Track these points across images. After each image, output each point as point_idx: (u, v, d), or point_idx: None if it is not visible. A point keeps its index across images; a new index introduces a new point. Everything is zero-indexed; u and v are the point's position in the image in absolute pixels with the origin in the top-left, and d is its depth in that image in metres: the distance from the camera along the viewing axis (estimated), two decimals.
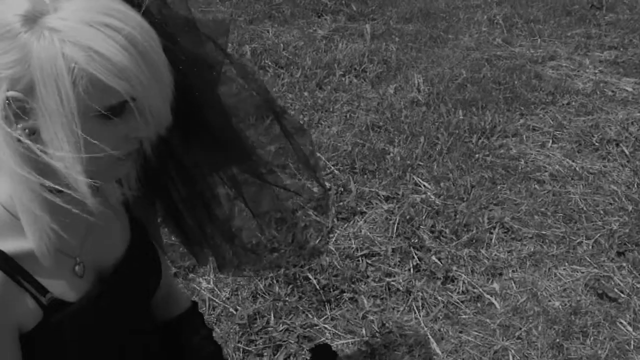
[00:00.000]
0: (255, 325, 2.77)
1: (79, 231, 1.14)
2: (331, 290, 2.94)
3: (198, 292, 2.96)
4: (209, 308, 2.88)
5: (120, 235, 1.24)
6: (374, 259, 3.13)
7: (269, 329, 2.76)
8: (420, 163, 3.75)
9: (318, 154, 3.86)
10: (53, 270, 1.08)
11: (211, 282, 3.01)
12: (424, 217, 3.33)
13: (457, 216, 3.33)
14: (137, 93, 0.91)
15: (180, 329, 1.48)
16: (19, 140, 0.93)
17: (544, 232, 3.25)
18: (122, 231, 1.25)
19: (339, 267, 3.05)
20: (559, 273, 3.04)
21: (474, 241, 3.19)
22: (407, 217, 3.33)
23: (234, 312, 2.84)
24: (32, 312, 1.05)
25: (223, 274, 1.59)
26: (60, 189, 0.97)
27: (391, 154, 3.82)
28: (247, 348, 2.68)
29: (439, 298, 2.91)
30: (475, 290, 2.94)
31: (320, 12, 5.97)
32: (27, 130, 0.93)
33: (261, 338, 2.72)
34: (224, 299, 2.93)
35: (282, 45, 5.29)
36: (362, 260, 3.11)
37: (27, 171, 0.96)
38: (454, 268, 3.04)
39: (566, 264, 3.09)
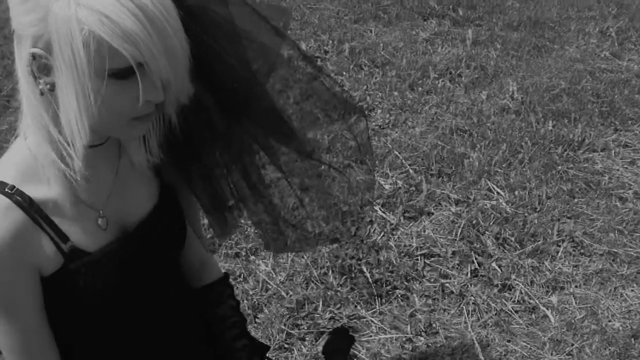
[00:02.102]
0: (303, 310, 2.83)
1: (105, 186, 1.21)
2: (384, 285, 2.95)
3: (255, 274, 3.06)
4: (262, 289, 2.97)
5: (146, 196, 1.30)
6: (432, 259, 3.11)
7: (316, 315, 2.81)
8: (498, 170, 3.67)
9: (396, 153, 3.87)
10: (76, 220, 1.16)
11: (269, 266, 3.10)
12: (491, 223, 3.26)
13: (526, 225, 3.24)
14: (146, 58, 0.96)
15: (209, 297, 1.53)
16: (42, 94, 1.03)
17: (616, 251, 3.10)
18: (150, 193, 1.31)
19: (395, 263, 3.05)
20: (626, 294, 2.90)
21: (538, 252, 3.10)
22: (474, 221, 3.28)
23: (285, 296, 2.91)
24: (53, 258, 1.13)
25: (267, 250, 1.64)
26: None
27: (470, 159, 3.77)
28: (290, 331, 2.74)
29: (492, 305, 2.85)
30: (531, 301, 2.86)
31: (427, 15, 5.94)
32: (48, 86, 1.01)
33: (306, 323, 2.78)
34: (278, 282, 3.01)
35: (381, 45, 5.31)
36: (420, 259, 3.10)
37: (47, 124, 1.06)
38: (513, 277, 2.97)
39: (635, 285, 2.94)
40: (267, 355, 1.67)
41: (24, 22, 0.98)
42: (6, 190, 1.08)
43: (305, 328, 2.76)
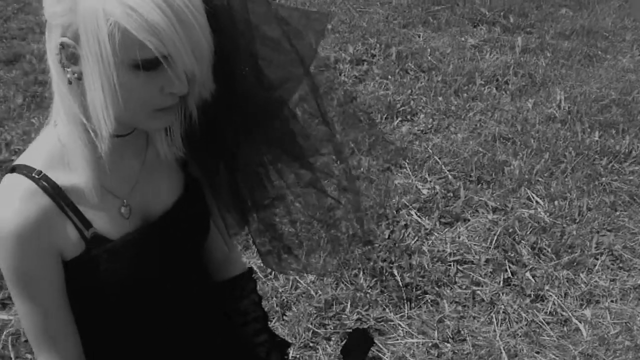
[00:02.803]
0: (331, 310, 2.83)
1: (131, 175, 1.23)
2: (414, 289, 2.93)
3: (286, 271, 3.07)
4: (291, 287, 2.98)
5: (171, 188, 1.30)
6: (465, 266, 3.07)
7: (343, 316, 2.81)
8: (539, 179, 3.61)
9: (436, 158, 3.84)
10: (99, 207, 1.17)
11: (301, 265, 3.10)
12: (527, 232, 3.21)
13: (564, 236, 3.18)
14: (170, 51, 0.97)
15: (232, 291, 1.53)
16: (70, 83, 1.05)
17: None
18: (175, 185, 1.31)
19: (427, 268, 3.03)
20: None
21: (575, 264, 3.03)
22: (510, 230, 3.23)
23: (314, 295, 2.92)
24: (75, 243, 1.15)
25: (265, 265, 1.63)
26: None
27: (511, 167, 3.71)
28: (317, 330, 2.74)
29: (523, 315, 2.80)
30: (564, 313, 2.80)
31: (477, 21, 5.88)
32: (75, 74, 1.04)
33: (333, 323, 2.78)
34: (308, 281, 3.02)
35: (429, 50, 5.29)
36: (453, 265, 3.06)
37: (76, 112, 1.08)
38: (547, 287, 2.91)
39: None
40: (289, 352, 1.66)
41: (54, 11, 1.00)
42: (33, 175, 1.11)
43: (332, 328, 2.76)
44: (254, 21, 1.21)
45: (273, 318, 2.84)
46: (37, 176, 1.11)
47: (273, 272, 3.07)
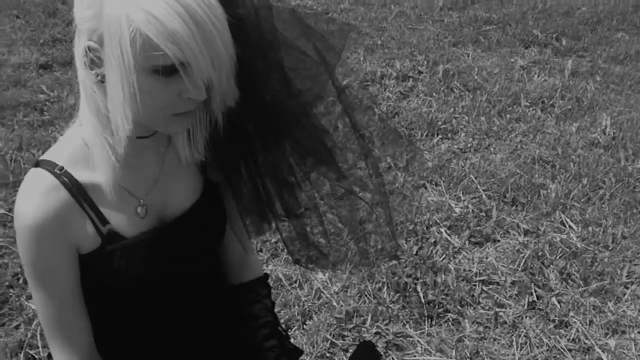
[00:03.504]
0: (351, 322, 2.85)
1: (149, 176, 1.27)
2: (436, 307, 2.92)
3: (311, 282, 3.10)
4: (314, 297, 3.01)
5: (189, 191, 1.34)
6: (490, 286, 3.05)
7: (362, 328, 2.82)
8: (575, 204, 3.55)
9: (472, 177, 3.82)
10: (117, 205, 1.22)
11: (326, 275, 3.14)
12: (557, 257, 3.16)
13: (595, 263, 3.12)
14: (188, 59, 1.01)
15: (246, 295, 1.55)
16: (94, 84, 1.10)
17: None
18: (193, 188, 1.35)
19: (452, 287, 3.01)
20: None
21: (603, 291, 2.97)
22: (540, 253, 3.19)
23: (336, 306, 2.94)
24: (91, 238, 1.20)
25: (297, 264, 1.65)
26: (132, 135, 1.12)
27: (547, 190, 3.67)
28: (335, 341, 2.76)
29: (545, 340, 2.76)
30: (587, 341, 2.75)
31: (529, 43, 5.83)
32: (99, 77, 1.08)
33: (352, 335, 2.79)
34: (332, 292, 3.04)
35: (476, 69, 5.27)
36: (478, 285, 3.04)
37: (99, 113, 1.13)
38: (572, 314, 2.86)
39: None
40: (300, 359, 1.67)
41: (83, 16, 1.05)
42: (55, 170, 1.16)
43: (350, 340, 2.77)
44: (281, 30, 1.26)
45: (293, 326, 2.87)
46: (59, 172, 1.16)
47: (298, 281, 3.11)
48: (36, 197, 1.15)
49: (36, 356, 2.72)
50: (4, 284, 3.07)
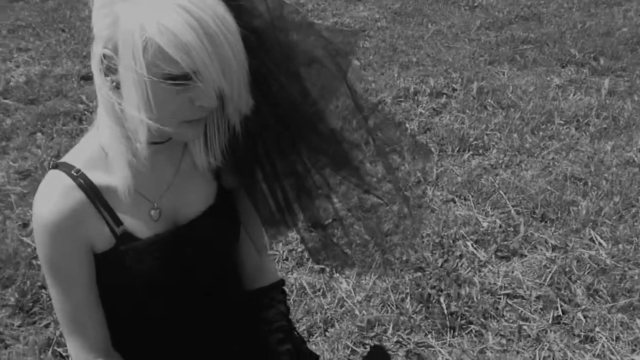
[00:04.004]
0: (372, 331, 2.85)
1: (164, 181, 1.32)
2: (459, 318, 2.90)
3: (335, 290, 3.11)
4: (337, 305, 3.01)
5: (203, 197, 1.38)
6: (515, 300, 3.02)
7: (384, 337, 2.82)
8: (606, 221, 3.50)
9: (501, 192, 3.80)
10: (131, 208, 1.27)
11: (350, 285, 3.15)
12: (585, 272, 3.12)
13: (624, 280, 3.07)
14: (199, 68, 1.05)
15: (260, 300, 1.57)
16: (110, 90, 1.15)
17: None
18: (206, 194, 1.39)
19: (475, 299, 2.99)
20: None
21: (631, 308, 2.91)
22: (567, 269, 3.15)
23: (358, 314, 2.94)
24: (105, 238, 1.25)
25: (317, 263, 1.65)
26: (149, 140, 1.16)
27: (578, 207, 3.62)
28: (355, 349, 2.76)
29: (569, 354, 2.72)
30: (613, 357, 2.70)
31: (566, 62, 5.78)
32: (114, 83, 1.13)
33: (372, 343, 2.79)
34: (355, 301, 3.04)
35: (511, 87, 5.24)
36: (502, 298, 3.02)
37: (116, 118, 1.17)
38: (597, 329, 2.82)
39: None
40: None
41: (100, 25, 1.10)
42: (72, 172, 1.22)
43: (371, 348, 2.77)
44: (296, 40, 1.29)
45: (315, 333, 2.88)
46: (75, 174, 1.22)
47: (322, 290, 3.12)
48: (53, 197, 1.21)
49: (63, 354, 2.78)
50: (36, 284, 3.15)
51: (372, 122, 1.46)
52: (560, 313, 2.91)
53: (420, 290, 3.05)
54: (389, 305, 3.01)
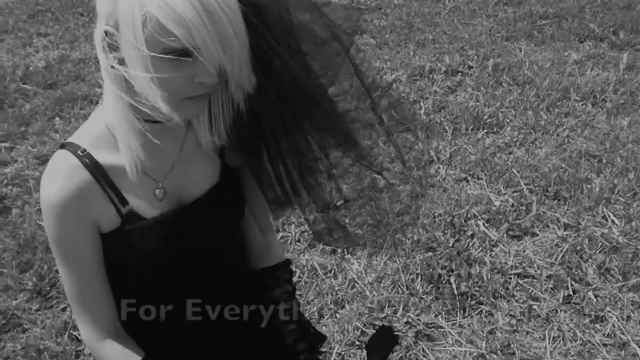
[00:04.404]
0: (382, 312, 2.87)
1: (168, 160, 1.32)
2: (469, 299, 2.91)
3: (346, 272, 3.14)
4: (347, 286, 3.04)
5: (207, 176, 1.38)
6: (525, 280, 3.02)
7: (393, 318, 2.84)
8: (620, 198, 3.47)
9: (514, 171, 3.78)
10: (136, 187, 1.28)
11: (361, 266, 3.17)
12: (597, 251, 3.10)
13: (636, 258, 3.05)
14: (197, 43, 1.05)
15: (266, 279, 1.57)
16: (113, 67, 1.14)
17: None
18: (211, 173, 1.39)
19: (486, 279, 3.00)
20: None
21: None
22: (578, 247, 3.13)
23: (368, 295, 2.96)
24: (111, 217, 1.26)
25: (318, 241, 1.65)
26: (152, 119, 1.17)
27: (592, 185, 3.60)
28: (365, 330, 2.79)
29: (579, 334, 2.72)
30: (623, 336, 2.69)
31: (584, 37, 5.70)
32: (117, 60, 1.13)
33: (382, 324, 2.81)
34: (366, 282, 3.06)
35: (527, 63, 5.19)
36: (513, 278, 3.02)
37: (120, 95, 1.17)
38: (608, 309, 2.81)
39: None
40: (321, 345, 1.68)
41: (101, 2, 1.11)
42: (78, 152, 1.23)
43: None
44: (297, 16, 1.29)
45: (326, 315, 2.91)
46: (81, 154, 1.22)
47: (333, 271, 3.15)
48: (60, 177, 1.21)
49: (79, 337, 2.83)
50: (53, 268, 3.22)
51: (385, 102, 1.46)
52: (571, 292, 2.91)
53: (430, 270, 3.06)
54: (399, 286, 3.02)
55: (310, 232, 3.37)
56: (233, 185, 1.44)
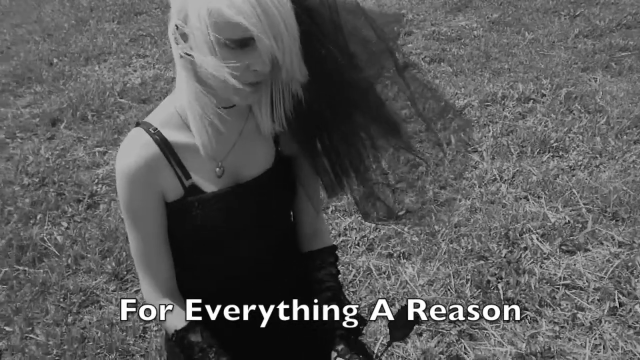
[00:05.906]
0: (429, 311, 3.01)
1: (228, 142, 1.51)
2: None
3: (399, 274, 3.29)
4: (399, 286, 3.19)
5: (263, 159, 1.56)
6: (573, 290, 3.09)
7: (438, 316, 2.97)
8: None
9: (574, 191, 3.85)
10: (198, 164, 1.47)
11: (415, 270, 3.31)
12: None
13: None
14: (254, 34, 1.24)
15: (313, 261, 1.71)
16: (181, 57, 1.35)
17: None
18: (266, 157, 1.56)
19: (533, 288, 3.09)
20: None
21: None
22: (630, 264, 3.18)
23: (418, 296, 3.11)
24: (175, 188, 1.46)
25: (366, 220, 1.77)
26: (217, 105, 1.36)
27: None
28: None
29: (621, 344, 2.77)
30: None
31: None
32: (185, 51, 1.33)
33: (428, 322, 2.95)
34: (417, 284, 3.21)
35: (601, 93, 5.22)
36: (560, 288, 3.09)
37: (190, 81, 1.37)
38: None
39: None
40: (363, 328, 1.81)
41: (174, 1, 1.32)
42: (150, 130, 1.44)
43: (425, 327, 2.93)
44: (346, 18, 1.45)
45: (374, 311, 3.07)
46: (153, 131, 1.43)
47: (387, 272, 3.31)
48: (133, 150, 1.42)
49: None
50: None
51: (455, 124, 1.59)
52: (617, 305, 2.96)
53: (480, 277, 3.17)
54: (449, 289, 3.15)
55: (373, 237, 3.56)
56: (285, 171, 1.60)
